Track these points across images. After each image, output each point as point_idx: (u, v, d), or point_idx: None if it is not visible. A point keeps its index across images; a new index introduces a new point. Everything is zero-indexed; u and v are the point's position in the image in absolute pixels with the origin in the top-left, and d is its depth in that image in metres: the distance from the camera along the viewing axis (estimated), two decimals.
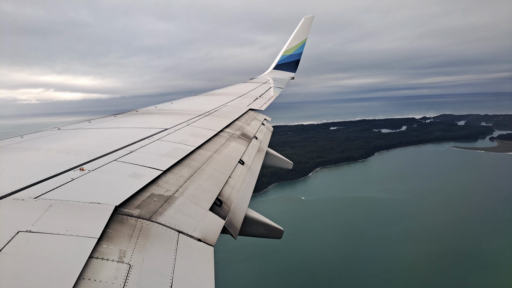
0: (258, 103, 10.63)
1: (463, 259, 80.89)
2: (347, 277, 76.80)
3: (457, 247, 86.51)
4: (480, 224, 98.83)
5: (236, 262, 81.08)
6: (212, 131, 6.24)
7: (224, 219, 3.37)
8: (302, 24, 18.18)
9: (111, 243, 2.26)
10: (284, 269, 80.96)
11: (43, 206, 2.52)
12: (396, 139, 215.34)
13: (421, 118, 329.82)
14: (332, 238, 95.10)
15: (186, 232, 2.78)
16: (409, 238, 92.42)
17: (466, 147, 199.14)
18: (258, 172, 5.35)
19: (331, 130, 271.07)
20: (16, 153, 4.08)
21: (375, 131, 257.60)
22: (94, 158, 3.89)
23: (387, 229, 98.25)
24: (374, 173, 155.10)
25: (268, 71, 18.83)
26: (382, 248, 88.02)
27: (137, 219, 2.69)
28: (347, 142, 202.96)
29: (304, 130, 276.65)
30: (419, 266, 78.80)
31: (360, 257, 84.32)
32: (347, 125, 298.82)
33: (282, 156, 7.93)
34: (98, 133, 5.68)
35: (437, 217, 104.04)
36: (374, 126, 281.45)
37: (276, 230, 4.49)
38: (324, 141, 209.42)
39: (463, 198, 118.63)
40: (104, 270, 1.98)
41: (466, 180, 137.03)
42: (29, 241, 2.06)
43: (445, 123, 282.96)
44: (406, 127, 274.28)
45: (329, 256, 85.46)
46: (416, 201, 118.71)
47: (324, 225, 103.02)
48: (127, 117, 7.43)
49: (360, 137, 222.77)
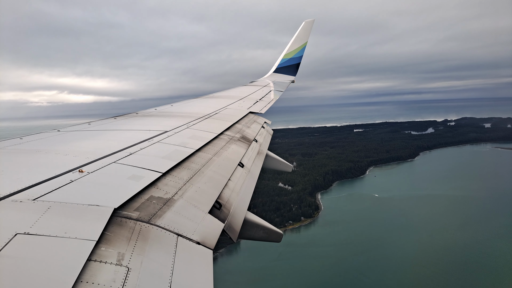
0: (258, 106, 10.64)
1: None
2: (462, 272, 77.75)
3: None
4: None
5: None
6: (212, 133, 6.23)
7: (223, 222, 3.35)
8: (303, 28, 18.27)
9: (109, 246, 2.25)
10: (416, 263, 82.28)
11: (41, 208, 2.50)
12: (434, 140, 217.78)
13: (443, 121, 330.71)
14: (438, 233, 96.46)
15: (185, 235, 2.77)
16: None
17: (508, 147, 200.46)
18: (257, 175, 5.34)
19: (357, 132, 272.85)
20: (15, 155, 4.07)
21: (406, 132, 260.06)
22: (93, 160, 3.87)
23: (485, 226, 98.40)
24: (432, 172, 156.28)
25: (268, 74, 18.87)
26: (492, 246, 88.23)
27: (136, 221, 2.67)
28: (386, 143, 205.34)
29: (329, 131, 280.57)
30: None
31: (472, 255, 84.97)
32: (370, 127, 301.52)
33: (282, 159, 7.92)
34: (98, 135, 5.67)
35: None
36: (400, 128, 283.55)
37: (276, 234, 4.47)
38: (361, 142, 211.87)
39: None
40: (103, 273, 1.96)
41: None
42: (27, 243, 2.04)
43: (471, 125, 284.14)
44: (432, 129, 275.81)
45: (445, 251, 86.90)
46: (496, 198, 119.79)
47: (420, 221, 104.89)
48: (127, 119, 7.42)
49: (395, 138, 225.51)
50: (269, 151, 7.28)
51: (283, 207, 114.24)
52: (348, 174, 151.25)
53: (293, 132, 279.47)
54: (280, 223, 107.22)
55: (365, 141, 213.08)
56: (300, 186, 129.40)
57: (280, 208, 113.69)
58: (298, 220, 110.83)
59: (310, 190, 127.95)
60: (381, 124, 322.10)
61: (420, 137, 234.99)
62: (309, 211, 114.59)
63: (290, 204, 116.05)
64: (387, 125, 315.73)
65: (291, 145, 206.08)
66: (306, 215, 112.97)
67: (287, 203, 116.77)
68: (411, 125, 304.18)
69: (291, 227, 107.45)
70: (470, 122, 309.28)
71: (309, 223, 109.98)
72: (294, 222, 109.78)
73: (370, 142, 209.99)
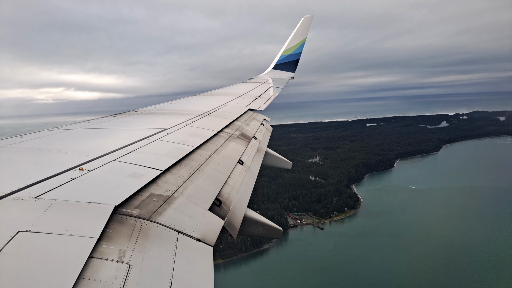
0: (257, 103, 10.63)
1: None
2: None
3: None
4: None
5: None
6: (212, 131, 6.24)
7: (223, 219, 3.38)
8: (302, 23, 18.17)
9: (110, 243, 2.27)
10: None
11: (42, 206, 2.52)
12: (453, 134, 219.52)
13: (455, 115, 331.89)
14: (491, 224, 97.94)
15: (186, 232, 2.79)
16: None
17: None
18: (257, 172, 5.36)
19: (371, 126, 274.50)
20: (15, 153, 4.08)
21: (421, 126, 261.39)
22: (93, 158, 3.89)
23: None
24: (461, 164, 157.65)
25: (267, 71, 18.81)
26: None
27: (136, 219, 2.69)
28: (405, 136, 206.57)
29: (342, 126, 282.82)
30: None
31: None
32: (382, 121, 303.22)
33: (282, 156, 7.94)
34: (98, 133, 5.68)
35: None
36: (413, 122, 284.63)
37: (275, 230, 4.50)
38: (379, 135, 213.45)
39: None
40: (104, 270, 1.98)
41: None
42: (29, 241, 2.06)
43: (486, 118, 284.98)
44: (446, 123, 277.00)
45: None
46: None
47: (464, 212, 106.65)
48: (126, 117, 7.42)
49: (413, 131, 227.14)
50: (268, 148, 7.29)
51: (324, 199, 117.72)
52: (378, 167, 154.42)
53: (306, 127, 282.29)
54: (325, 214, 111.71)
55: (384, 135, 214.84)
56: (334, 178, 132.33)
57: (322, 200, 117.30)
58: (342, 211, 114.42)
59: (346, 183, 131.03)
60: (393, 118, 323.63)
61: (438, 130, 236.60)
62: (351, 202, 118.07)
63: (331, 196, 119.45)
64: (399, 119, 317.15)
65: (309, 139, 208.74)
66: (349, 206, 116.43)
67: (327, 195, 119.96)
68: (424, 119, 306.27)
69: (337, 218, 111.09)
70: (483, 116, 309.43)
71: (353, 214, 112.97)
72: (339, 213, 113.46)
73: (389, 135, 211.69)
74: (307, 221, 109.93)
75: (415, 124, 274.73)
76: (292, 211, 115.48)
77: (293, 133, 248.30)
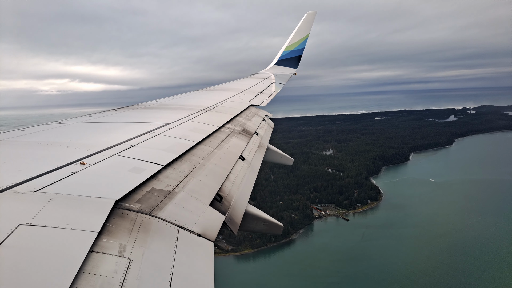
0: (259, 99, 10.59)
1: None
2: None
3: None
4: None
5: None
6: (213, 126, 6.22)
7: (224, 214, 3.37)
8: (305, 19, 18.03)
9: (111, 237, 2.27)
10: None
11: (43, 199, 2.52)
12: (465, 127, 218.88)
13: (462, 109, 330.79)
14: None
15: (186, 227, 2.79)
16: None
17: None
18: (258, 168, 5.34)
19: (379, 120, 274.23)
20: (16, 146, 4.08)
21: (430, 120, 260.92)
22: (94, 152, 3.88)
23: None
24: (477, 157, 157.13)
25: (270, 66, 18.72)
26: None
27: (137, 213, 2.69)
28: (417, 130, 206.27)
29: (350, 119, 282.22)
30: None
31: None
32: (390, 115, 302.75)
33: (283, 153, 7.92)
34: (99, 127, 5.67)
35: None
36: (422, 116, 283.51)
37: (276, 226, 4.49)
38: (390, 129, 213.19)
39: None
40: (104, 264, 1.98)
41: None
42: (30, 234, 2.06)
43: (494, 113, 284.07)
44: (454, 117, 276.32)
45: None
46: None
47: (486, 204, 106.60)
48: (128, 111, 7.41)
49: (423, 125, 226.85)
50: (270, 144, 7.27)
51: (346, 191, 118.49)
52: (394, 159, 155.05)
53: (314, 120, 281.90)
54: (349, 205, 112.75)
55: (394, 128, 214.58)
56: (353, 171, 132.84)
57: (343, 192, 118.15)
58: (365, 203, 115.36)
59: (365, 175, 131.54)
60: (400, 112, 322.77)
61: (448, 124, 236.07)
62: (373, 194, 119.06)
63: (352, 188, 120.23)
64: (406, 113, 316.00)
65: (320, 132, 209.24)
66: (372, 198, 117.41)
67: (348, 186, 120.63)
68: (431, 113, 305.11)
69: (361, 209, 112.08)
70: (491, 110, 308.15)
71: (375, 206, 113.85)
72: (362, 205, 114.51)
73: (400, 129, 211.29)
74: (331, 212, 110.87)
75: (423, 118, 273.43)
76: (315, 202, 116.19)
77: (302, 126, 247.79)
